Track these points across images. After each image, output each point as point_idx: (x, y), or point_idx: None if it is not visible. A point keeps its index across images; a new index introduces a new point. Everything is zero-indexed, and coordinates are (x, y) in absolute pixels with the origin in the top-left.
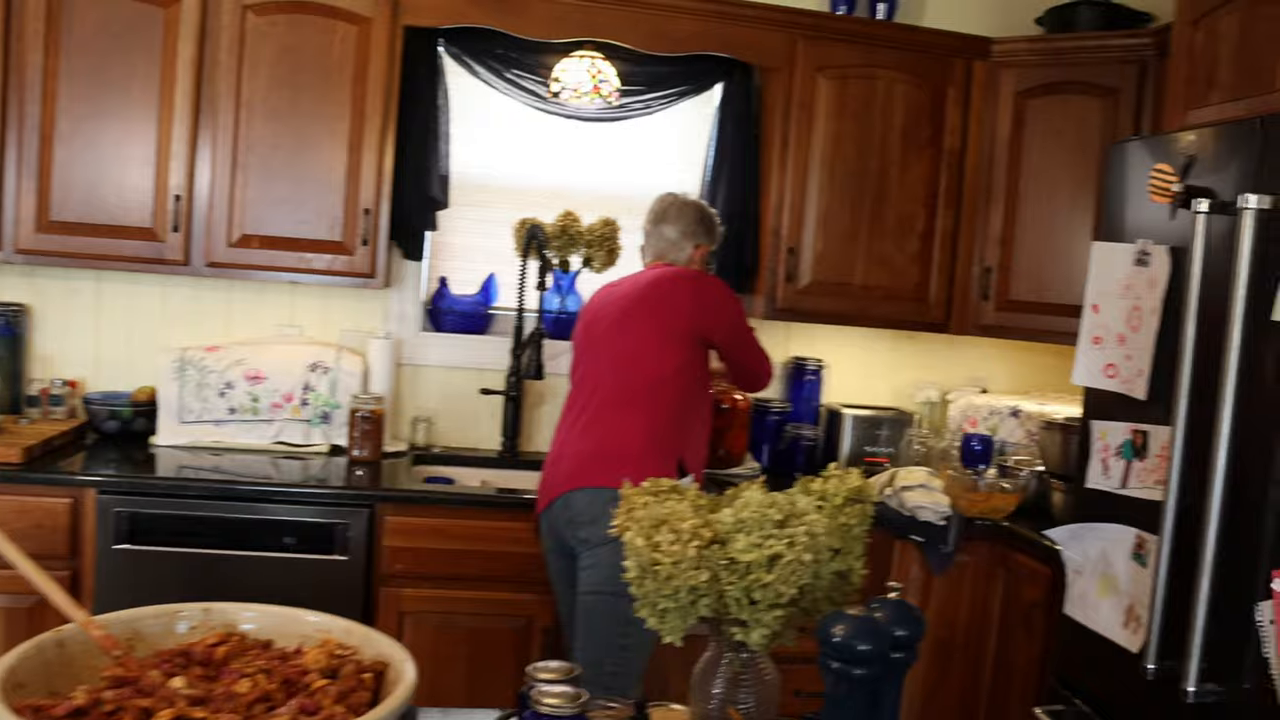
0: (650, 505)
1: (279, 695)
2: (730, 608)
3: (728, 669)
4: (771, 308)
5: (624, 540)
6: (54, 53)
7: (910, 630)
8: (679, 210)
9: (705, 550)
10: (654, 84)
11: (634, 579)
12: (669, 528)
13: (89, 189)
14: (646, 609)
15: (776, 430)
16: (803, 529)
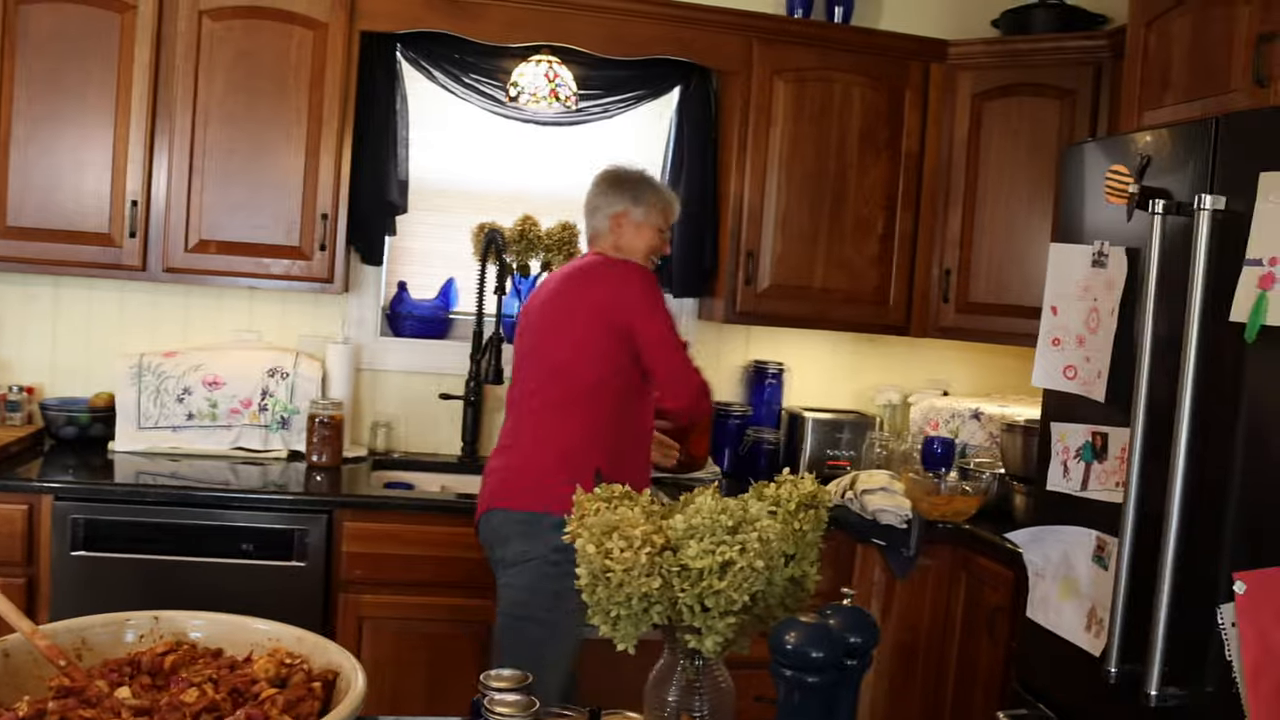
0: (602, 511)
1: (226, 705)
2: (683, 615)
3: (682, 676)
4: (731, 311)
5: (576, 546)
6: (9, 57)
7: (864, 637)
8: (599, 176)
9: (657, 557)
10: (612, 88)
11: (586, 586)
12: (620, 534)
13: (46, 194)
14: (599, 616)
15: (738, 434)
16: (755, 535)
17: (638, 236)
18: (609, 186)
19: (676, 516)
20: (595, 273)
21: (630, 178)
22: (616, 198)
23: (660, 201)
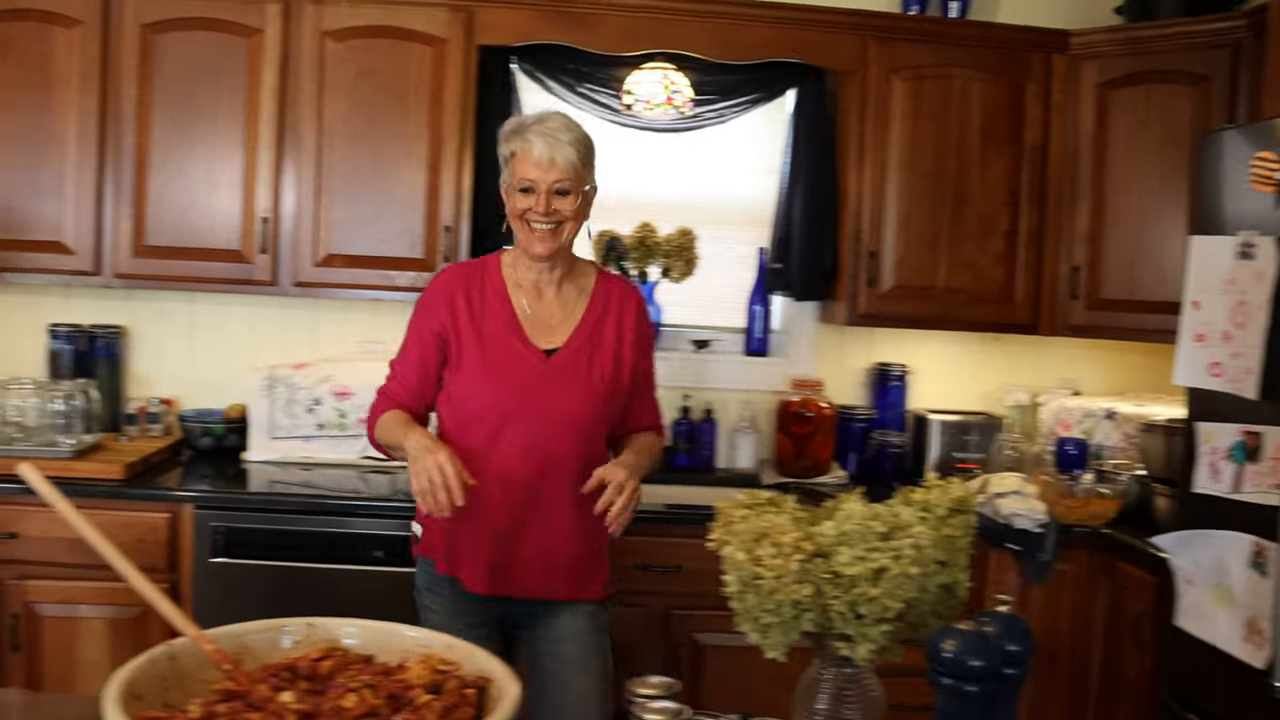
0: (749, 518)
1: (384, 710)
2: (835, 622)
3: (832, 684)
4: (853, 313)
5: (723, 554)
6: (146, 85)
7: (1022, 645)
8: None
9: (808, 564)
10: (726, 92)
11: (735, 593)
12: (770, 541)
13: (181, 214)
14: (748, 624)
15: (862, 437)
16: (908, 541)
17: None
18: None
19: (826, 523)
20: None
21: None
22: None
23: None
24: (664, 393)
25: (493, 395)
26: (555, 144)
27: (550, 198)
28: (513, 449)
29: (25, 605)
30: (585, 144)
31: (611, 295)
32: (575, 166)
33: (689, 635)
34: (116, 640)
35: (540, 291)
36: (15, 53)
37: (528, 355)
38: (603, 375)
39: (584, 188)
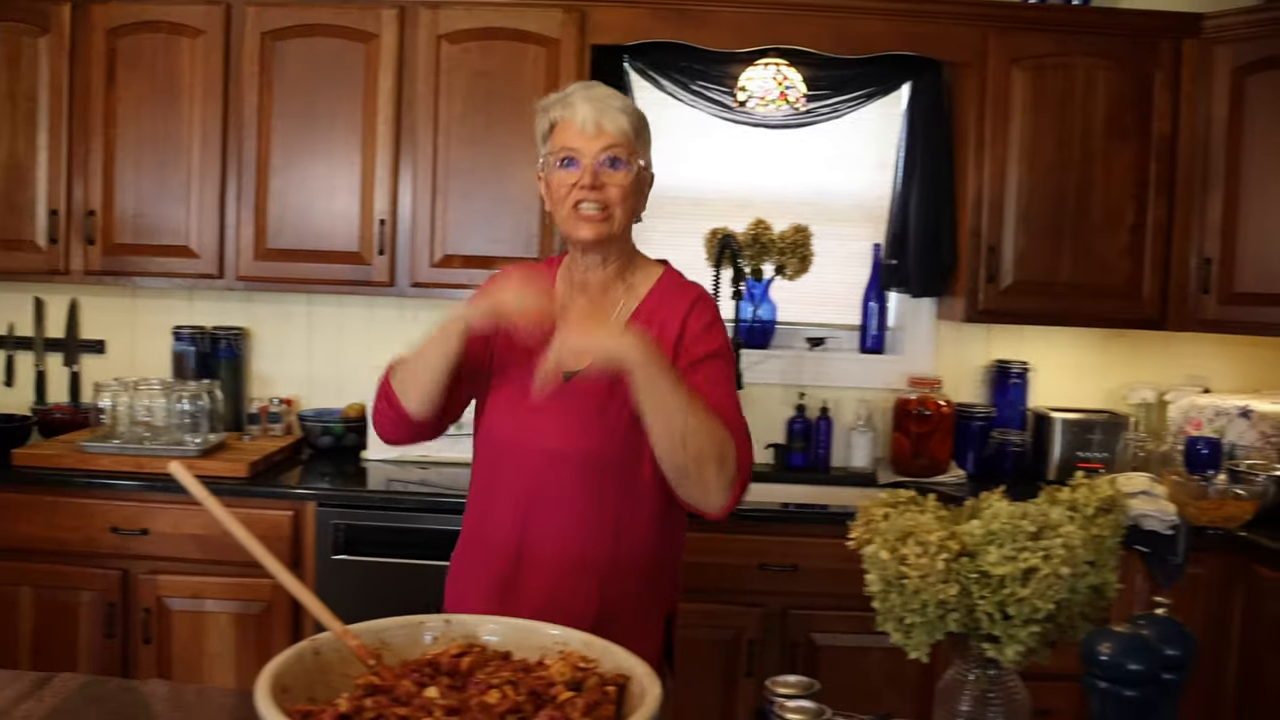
0: (891, 517)
1: (527, 707)
2: (981, 623)
3: (975, 686)
4: (973, 310)
5: (864, 553)
6: (267, 91)
7: (1182, 649)
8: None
9: (954, 563)
10: (840, 87)
11: (877, 593)
12: (915, 540)
13: (301, 217)
14: (890, 624)
15: (981, 436)
16: (1059, 541)
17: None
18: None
19: (972, 521)
20: None
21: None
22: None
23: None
24: (778, 391)
25: (503, 429)
26: (604, 109)
27: (598, 171)
28: (517, 497)
29: (156, 599)
30: (638, 115)
31: (664, 300)
32: (628, 134)
33: (806, 635)
34: (241, 635)
35: (580, 293)
36: (144, 63)
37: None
38: (626, 402)
39: (639, 162)
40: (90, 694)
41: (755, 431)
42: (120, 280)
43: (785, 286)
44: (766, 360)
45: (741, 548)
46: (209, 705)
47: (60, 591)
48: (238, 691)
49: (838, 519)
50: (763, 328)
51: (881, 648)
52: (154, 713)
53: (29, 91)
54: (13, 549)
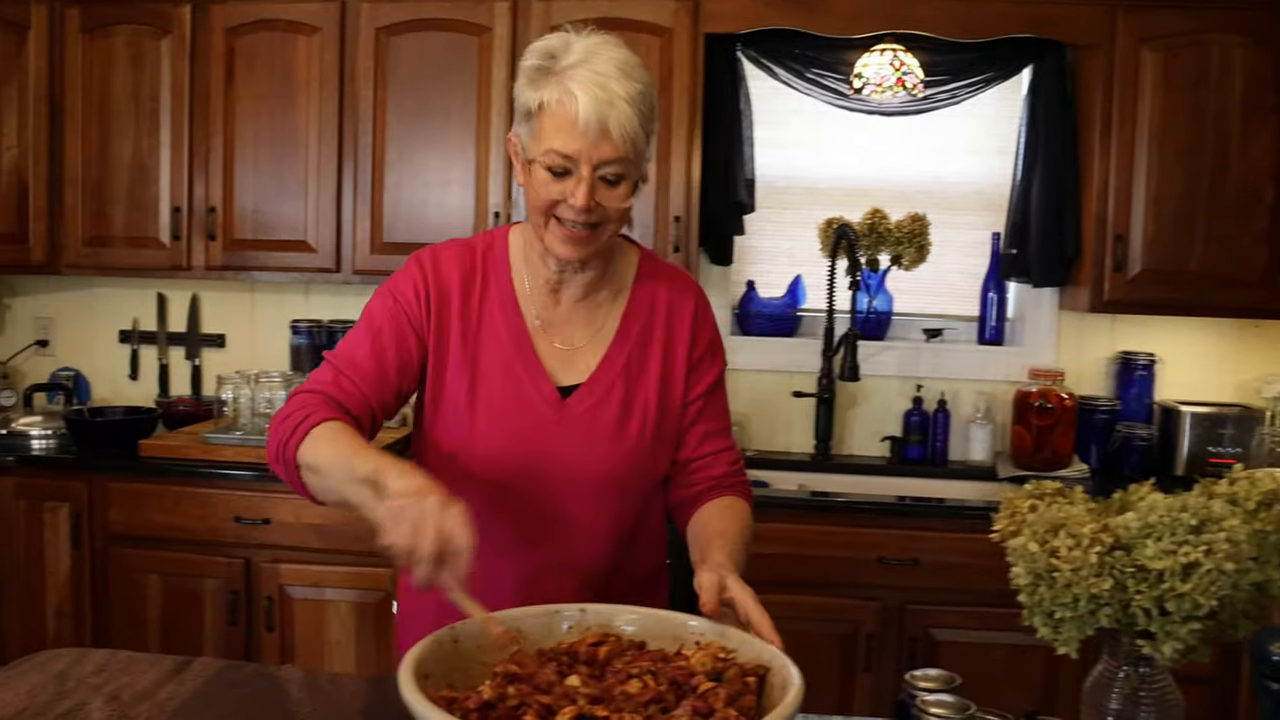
0: (1040, 508)
1: (669, 696)
2: (1137, 619)
3: (1125, 684)
4: (1098, 300)
5: (1009, 545)
6: (382, 86)
7: None
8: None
9: (1107, 556)
10: (959, 72)
11: (1025, 586)
12: (1067, 532)
13: (415, 211)
14: (1039, 618)
15: (1105, 430)
16: (1223, 535)
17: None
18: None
19: (1128, 514)
20: None
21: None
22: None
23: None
24: (894, 383)
25: (486, 448)
26: (611, 101)
27: (594, 186)
28: (518, 524)
29: (278, 588)
30: (648, 101)
31: (659, 296)
32: (636, 140)
33: (925, 630)
34: (360, 623)
35: (557, 295)
36: (261, 61)
37: (536, 396)
38: (645, 420)
39: (643, 167)
40: (228, 678)
41: (871, 424)
42: (240, 275)
43: (902, 277)
44: (882, 352)
45: (859, 541)
46: (342, 692)
47: (186, 579)
48: (369, 679)
49: (956, 513)
50: (879, 319)
51: (1003, 645)
52: (291, 698)
53: (152, 92)
54: (141, 537)
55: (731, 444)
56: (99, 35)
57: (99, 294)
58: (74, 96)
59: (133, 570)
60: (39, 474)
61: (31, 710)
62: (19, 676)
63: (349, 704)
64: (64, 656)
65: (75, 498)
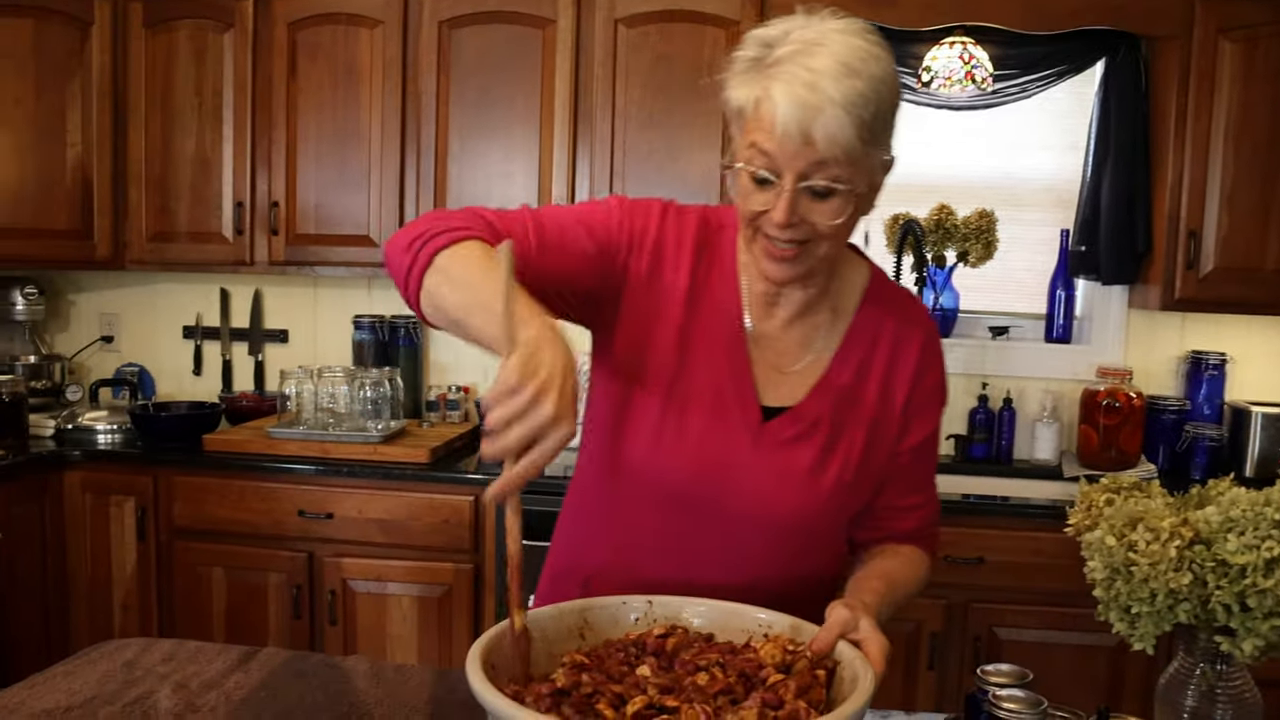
0: (1116, 502)
1: (738, 688)
2: (1216, 615)
3: (1201, 681)
4: (1169, 298)
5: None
6: (444, 78)
7: None
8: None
9: (1186, 551)
10: (1029, 66)
11: (1100, 580)
12: (1145, 526)
13: (477, 203)
14: (1114, 613)
15: (1174, 430)
16: None
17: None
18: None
19: (1208, 509)
20: None
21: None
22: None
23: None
24: (960, 380)
25: (669, 455)
26: (820, 105)
27: (797, 198)
28: (681, 540)
29: (341, 582)
30: (875, 104)
31: (885, 327)
32: (850, 149)
33: (989, 628)
34: (423, 617)
35: (772, 309)
36: (324, 55)
37: (738, 413)
38: (847, 463)
39: (865, 181)
40: (295, 668)
41: None
42: (302, 270)
43: (968, 274)
44: (948, 349)
45: None
46: (409, 682)
47: (250, 573)
48: (435, 670)
49: (1021, 511)
50: (944, 316)
51: (1067, 644)
52: (357, 688)
53: (214, 87)
54: (205, 531)
55: (930, 498)
56: (161, 30)
57: (162, 290)
58: (137, 92)
59: (197, 564)
60: (105, 468)
61: (101, 698)
62: (88, 665)
63: (415, 694)
64: (132, 645)
65: (140, 492)
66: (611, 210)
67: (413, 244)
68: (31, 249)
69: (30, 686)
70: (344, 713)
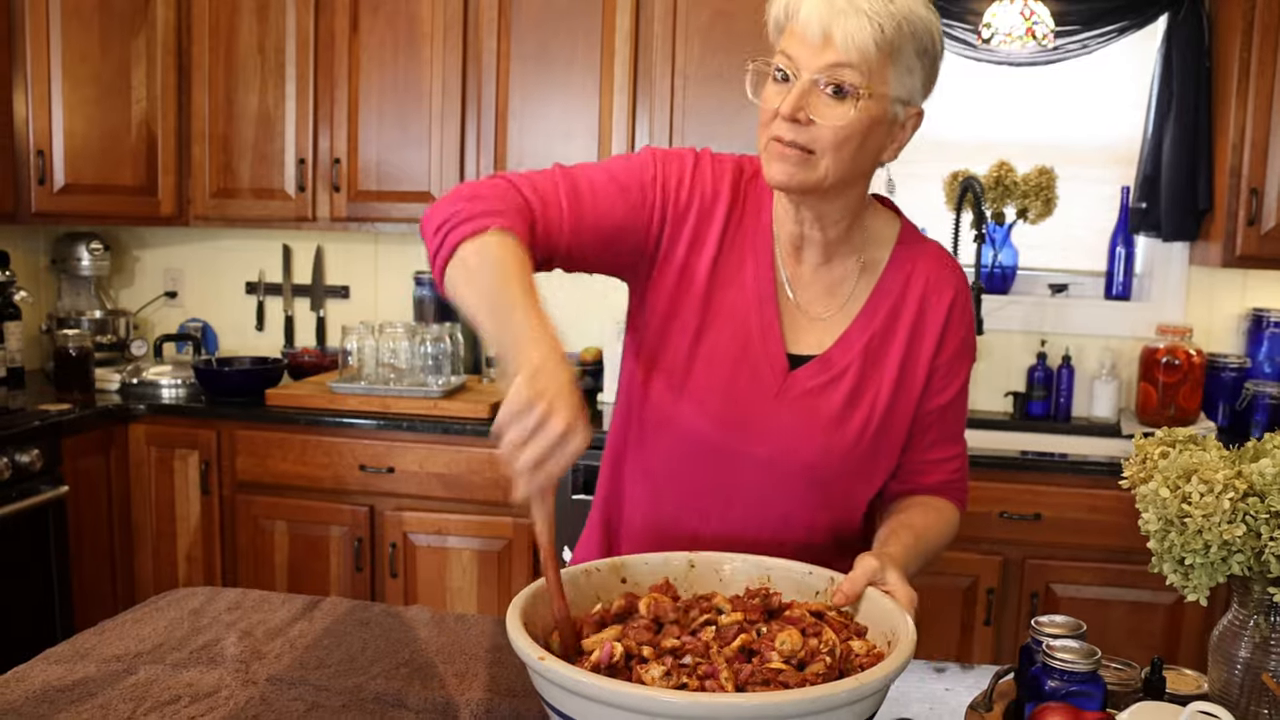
0: (1172, 455)
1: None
2: (1270, 566)
3: (1255, 633)
4: (1230, 254)
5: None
6: (505, 36)
7: None
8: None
9: (1241, 503)
10: (1090, 21)
11: (1154, 532)
12: (1199, 478)
13: (538, 161)
14: (1169, 565)
15: (1234, 387)
16: None
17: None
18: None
19: (1263, 460)
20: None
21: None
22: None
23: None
24: (1018, 338)
25: (694, 402)
26: (841, 10)
27: (806, 94)
28: (703, 490)
29: (402, 535)
30: (905, 24)
31: (914, 279)
32: (867, 52)
33: (1045, 584)
34: (483, 571)
35: (799, 254)
36: (385, 11)
37: (764, 359)
38: (872, 414)
39: (881, 93)
40: (358, 617)
41: (994, 379)
42: (364, 227)
43: (1027, 231)
44: (1006, 306)
45: (981, 495)
46: (470, 630)
47: (312, 526)
48: (495, 619)
49: (1078, 468)
50: (1003, 273)
51: (1124, 601)
52: (419, 636)
53: (277, 44)
54: (268, 485)
55: (959, 452)
56: None
57: (225, 246)
58: (200, 49)
59: (260, 517)
60: (169, 422)
61: (169, 644)
62: (155, 612)
63: (475, 643)
64: (198, 594)
65: (204, 446)
66: (645, 164)
67: (440, 228)
68: (97, 205)
69: (100, 632)
70: (406, 659)
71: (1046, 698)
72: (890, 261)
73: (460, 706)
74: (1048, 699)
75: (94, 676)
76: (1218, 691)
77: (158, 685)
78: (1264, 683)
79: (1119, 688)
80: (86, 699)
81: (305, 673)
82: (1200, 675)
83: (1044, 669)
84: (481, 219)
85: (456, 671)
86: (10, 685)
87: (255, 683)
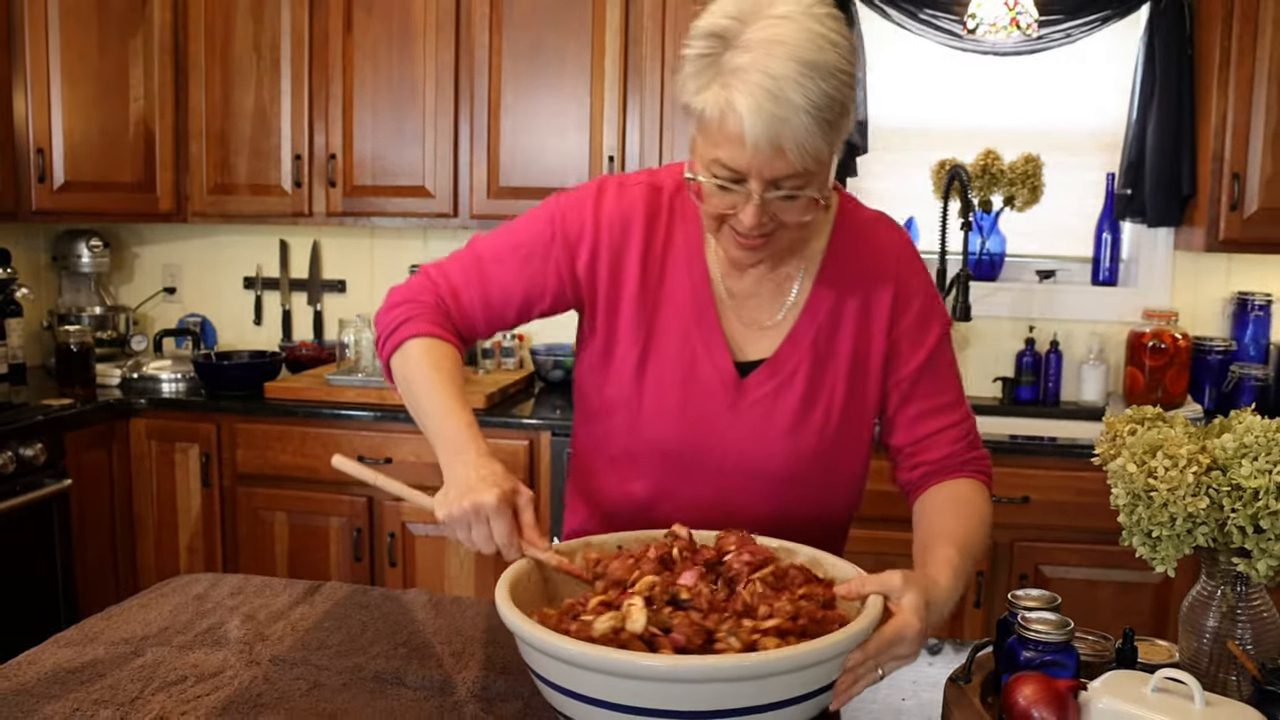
0: (1139, 432)
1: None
2: (1233, 537)
3: (1222, 603)
4: (1213, 239)
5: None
6: (497, 32)
7: None
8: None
9: (1204, 477)
10: (1075, 11)
11: (1123, 506)
12: (1164, 453)
13: (530, 156)
14: (1137, 538)
15: (1220, 370)
16: None
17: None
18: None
19: (1224, 436)
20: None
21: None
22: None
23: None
24: (1007, 324)
25: (651, 427)
26: (783, 118)
27: (765, 205)
28: (676, 509)
29: (400, 525)
30: (838, 103)
31: (855, 260)
32: (819, 155)
33: (1035, 566)
34: (480, 559)
35: (741, 268)
36: (379, 9)
37: (713, 373)
38: (830, 408)
39: (829, 164)
40: (357, 601)
41: (983, 365)
42: (360, 221)
43: (1015, 218)
44: (995, 293)
45: None
46: (466, 612)
47: (311, 517)
48: (490, 601)
49: (1066, 451)
50: (991, 260)
51: (1112, 581)
52: (417, 618)
53: (272, 41)
54: (268, 476)
55: (955, 420)
56: None
57: (223, 242)
58: (197, 47)
59: (260, 508)
60: (170, 416)
61: (174, 628)
62: (160, 598)
63: (472, 624)
64: (202, 580)
65: (204, 438)
66: (543, 226)
67: (378, 341)
68: (97, 202)
69: (108, 617)
70: (404, 640)
71: (1022, 668)
72: (828, 249)
73: (457, 684)
74: (1023, 669)
75: (103, 658)
76: (1188, 660)
77: (165, 666)
78: (1231, 651)
79: (1092, 658)
80: (96, 679)
81: (307, 653)
82: (1173, 646)
83: (1019, 640)
84: (401, 330)
85: (453, 651)
86: (22, 667)
87: (259, 663)
